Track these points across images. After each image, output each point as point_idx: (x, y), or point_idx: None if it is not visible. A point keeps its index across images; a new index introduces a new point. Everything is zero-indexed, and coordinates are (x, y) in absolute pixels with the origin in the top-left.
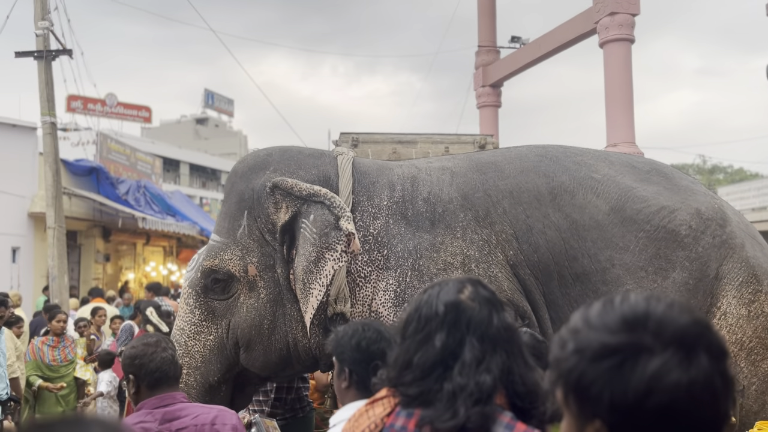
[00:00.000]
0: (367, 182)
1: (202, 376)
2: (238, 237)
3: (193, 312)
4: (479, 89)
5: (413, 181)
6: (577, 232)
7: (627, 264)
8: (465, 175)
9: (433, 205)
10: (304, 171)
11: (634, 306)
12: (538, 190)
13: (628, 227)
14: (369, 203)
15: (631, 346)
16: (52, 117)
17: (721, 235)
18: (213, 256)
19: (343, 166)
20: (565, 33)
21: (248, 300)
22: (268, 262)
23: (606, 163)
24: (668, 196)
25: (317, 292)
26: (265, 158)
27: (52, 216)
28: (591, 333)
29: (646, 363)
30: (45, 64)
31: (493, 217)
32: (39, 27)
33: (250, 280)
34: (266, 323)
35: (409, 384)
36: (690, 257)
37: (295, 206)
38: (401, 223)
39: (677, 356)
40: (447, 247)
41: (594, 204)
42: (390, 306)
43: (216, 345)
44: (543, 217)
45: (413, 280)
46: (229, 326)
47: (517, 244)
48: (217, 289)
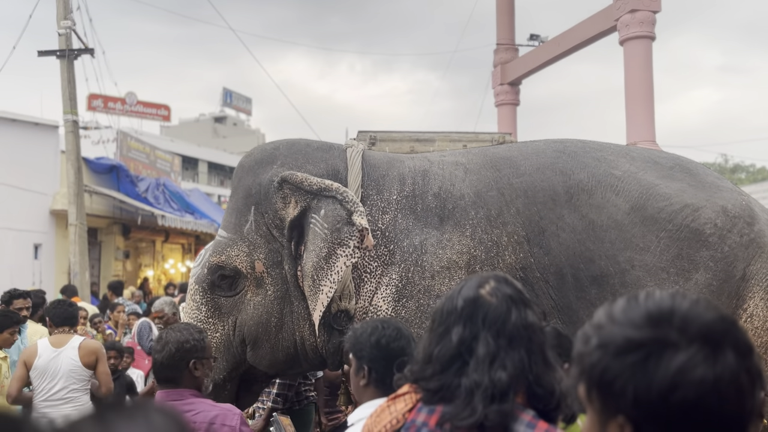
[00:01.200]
0: (377, 175)
1: None
2: (245, 233)
3: (200, 309)
4: (497, 87)
5: (424, 175)
6: (594, 233)
7: (648, 265)
8: (479, 172)
9: (443, 201)
10: (312, 165)
11: (659, 302)
12: (554, 189)
13: (649, 227)
14: (378, 197)
15: (656, 341)
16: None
17: (749, 233)
18: (220, 252)
19: (353, 158)
20: (585, 30)
21: (255, 297)
22: (275, 258)
23: (627, 158)
24: (692, 194)
25: (327, 289)
26: (272, 152)
27: (74, 213)
28: (615, 328)
29: (671, 358)
30: (67, 63)
31: (506, 218)
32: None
33: (257, 276)
34: (274, 321)
35: (429, 378)
36: (715, 257)
37: (305, 201)
38: (410, 218)
39: (703, 352)
40: (454, 245)
41: (613, 203)
42: (390, 300)
43: (222, 343)
44: (557, 218)
45: (415, 275)
46: (235, 324)
47: (528, 246)
48: (223, 285)
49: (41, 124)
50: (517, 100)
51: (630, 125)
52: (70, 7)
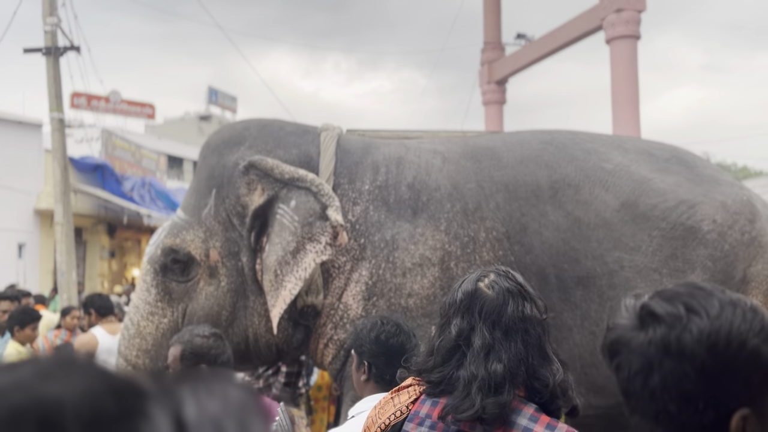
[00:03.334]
0: (350, 163)
1: (151, 360)
2: (203, 217)
3: (149, 291)
4: (484, 86)
5: (399, 164)
6: (580, 232)
7: (638, 266)
8: (457, 162)
9: (417, 192)
10: (283, 150)
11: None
12: (537, 183)
13: (640, 225)
14: (350, 187)
15: None
16: (60, 113)
17: (750, 231)
18: (174, 235)
19: (326, 143)
20: (571, 30)
21: (208, 287)
22: (232, 248)
23: (619, 150)
24: (689, 188)
25: (292, 285)
26: (241, 132)
27: (61, 212)
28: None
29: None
30: (53, 61)
31: (484, 212)
32: (48, 23)
33: (211, 265)
34: (225, 314)
35: (431, 370)
36: (714, 256)
37: (273, 189)
38: (382, 210)
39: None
40: (427, 240)
41: (602, 199)
42: (360, 299)
43: (170, 329)
44: (540, 215)
45: (386, 272)
46: (185, 311)
47: (508, 243)
48: (176, 269)
49: (25, 123)
50: (504, 99)
51: (616, 124)
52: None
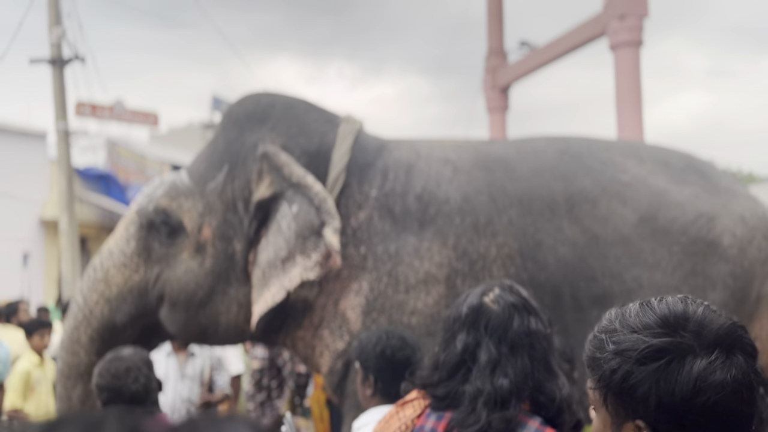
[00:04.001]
0: (363, 162)
1: (110, 310)
2: (207, 190)
3: (128, 242)
4: (488, 93)
5: (408, 171)
6: (597, 249)
7: (658, 284)
8: (469, 172)
9: (425, 204)
10: (305, 138)
11: (672, 307)
12: (552, 197)
13: (660, 240)
14: (358, 189)
15: (676, 346)
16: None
17: (766, 248)
18: (172, 197)
19: (344, 136)
20: (575, 37)
21: (190, 261)
22: (227, 231)
23: (636, 160)
24: (707, 200)
25: (276, 290)
26: (265, 109)
27: (66, 221)
28: (632, 335)
29: (691, 364)
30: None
31: (496, 227)
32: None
33: (200, 241)
34: (200, 294)
35: (436, 385)
36: (735, 273)
37: (281, 186)
38: (387, 219)
39: (720, 357)
40: (433, 256)
41: (620, 214)
42: (359, 312)
43: (138, 286)
44: (555, 231)
45: (388, 288)
46: (159, 276)
47: (520, 260)
48: (163, 231)
49: (30, 133)
50: (507, 106)
51: (620, 130)
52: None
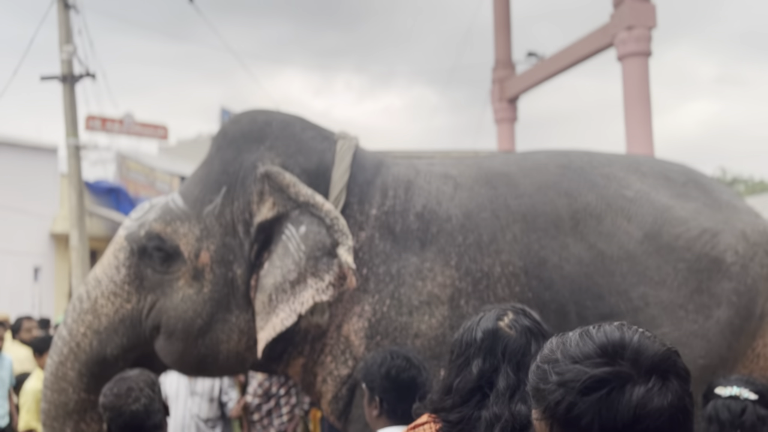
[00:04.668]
0: (363, 181)
1: (99, 343)
2: (204, 213)
3: (119, 269)
4: (496, 104)
5: (407, 188)
6: (603, 266)
7: (664, 302)
8: (471, 189)
9: (426, 223)
10: (304, 157)
11: (609, 335)
12: (557, 213)
13: (665, 257)
14: (359, 208)
15: (616, 375)
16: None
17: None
18: (167, 222)
19: (342, 154)
20: (582, 48)
21: (187, 288)
22: (226, 255)
23: (638, 175)
24: (709, 215)
25: (285, 315)
26: (262, 128)
27: (76, 236)
28: (574, 365)
29: (631, 391)
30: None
31: (500, 245)
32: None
33: (197, 267)
34: (199, 322)
35: (449, 410)
36: (738, 290)
37: (285, 207)
38: (388, 239)
39: (657, 383)
40: (436, 276)
41: (625, 230)
42: (362, 336)
43: (130, 317)
44: (560, 248)
45: (390, 310)
46: (154, 305)
47: (525, 279)
48: (156, 257)
49: (41, 148)
50: (516, 117)
51: (629, 141)
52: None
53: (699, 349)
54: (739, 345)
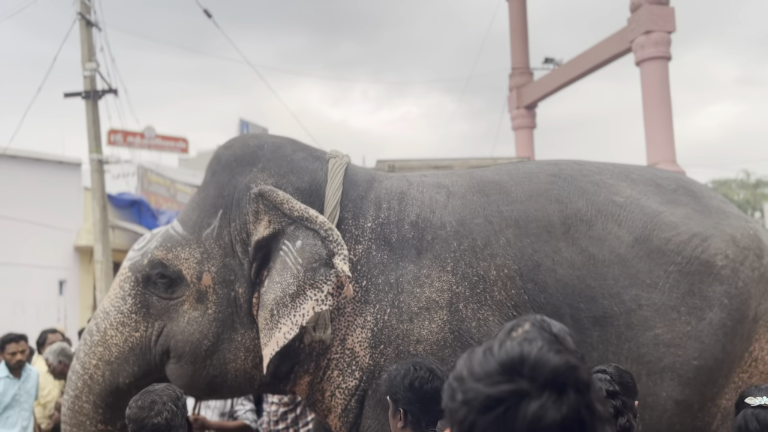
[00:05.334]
0: (356, 196)
1: (112, 373)
2: (203, 237)
3: (125, 299)
4: (513, 111)
5: (401, 199)
6: (595, 269)
7: (656, 304)
8: (463, 197)
9: (421, 231)
10: (296, 176)
11: (509, 351)
12: (549, 219)
13: (656, 260)
14: (354, 223)
15: (512, 393)
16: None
17: (759, 267)
18: (168, 249)
19: (334, 172)
20: (600, 53)
21: (192, 311)
22: (227, 276)
23: (628, 182)
24: (699, 220)
25: (287, 329)
26: (254, 151)
27: (100, 250)
28: (476, 384)
29: (526, 408)
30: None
31: (495, 249)
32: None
33: (201, 289)
34: (206, 343)
35: None
36: (730, 293)
37: (280, 224)
38: (384, 249)
39: (551, 397)
40: (433, 282)
41: (615, 234)
42: (367, 346)
43: (139, 345)
44: (553, 252)
45: (391, 318)
46: (162, 331)
47: (521, 281)
48: (160, 284)
49: (64, 162)
50: (534, 123)
51: (649, 146)
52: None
53: (693, 350)
54: (733, 347)
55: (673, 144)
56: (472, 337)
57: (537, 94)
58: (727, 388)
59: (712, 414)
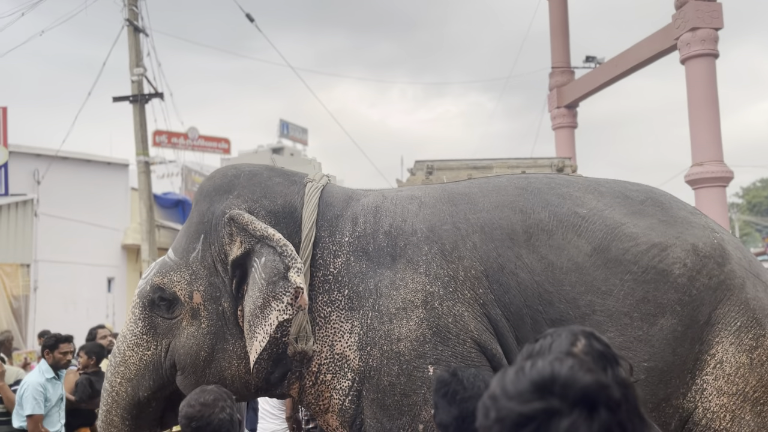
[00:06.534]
0: (331, 215)
1: (133, 388)
2: (190, 260)
3: (137, 323)
4: (554, 111)
5: (376, 213)
6: (553, 275)
7: (610, 310)
8: (434, 206)
9: (394, 239)
10: (269, 200)
11: (541, 371)
12: (512, 228)
13: (612, 269)
14: (330, 239)
15: (543, 412)
16: (146, 156)
17: (719, 275)
18: (163, 274)
19: (310, 195)
20: (643, 51)
21: (189, 327)
22: (214, 293)
23: (595, 194)
24: (662, 231)
25: (261, 338)
26: (231, 180)
27: (147, 249)
28: (508, 402)
29: (557, 425)
30: (139, 108)
31: (462, 252)
32: (134, 73)
33: (194, 307)
34: (203, 355)
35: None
36: (683, 301)
37: (249, 243)
38: (363, 259)
39: (582, 415)
40: (408, 284)
41: (574, 244)
42: (355, 349)
43: (152, 361)
44: (515, 257)
45: (374, 321)
46: (168, 347)
47: (487, 282)
48: (162, 306)
49: (113, 163)
50: (575, 123)
51: (695, 145)
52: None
53: (643, 353)
54: (684, 350)
55: (720, 143)
56: (450, 332)
57: (578, 93)
58: (684, 389)
59: (669, 414)
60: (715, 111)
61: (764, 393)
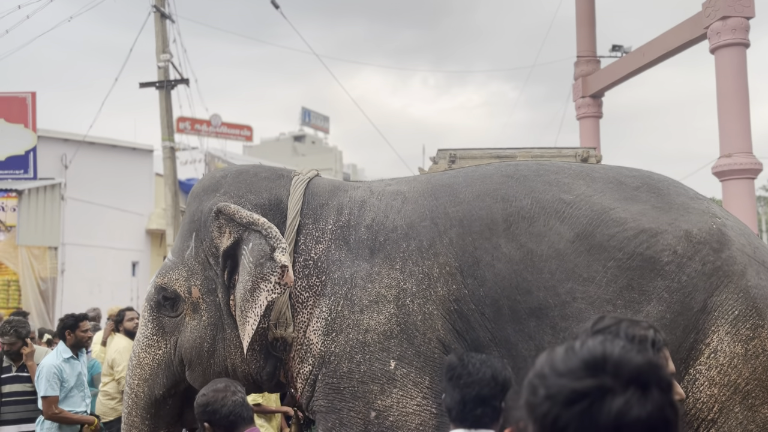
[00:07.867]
0: (316, 204)
1: (149, 388)
2: (185, 258)
3: (147, 325)
4: (579, 100)
5: (361, 206)
6: (532, 263)
7: (591, 297)
8: (416, 201)
9: (375, 233)
10: (254, 195)
11: (592, 350)
12: (492, 217)
13: (595, 256)
14: (314, 226)
15: (596, 388)
16: (172, 142)
17: (715, 261)
18: (163, 275)
19: (296, 186)
20: (672, 40)
21: (192, 321)
22: (210, 285)
23: (585, 180)
24: (654, 217)
25: (252, 321)
26: (218, 180)
27: (171, 234)
28: (559, 379)
29: (611, 403)
30: (165, 94)
31: (438, 248)
32: (161, 60)
33: (193, 301)
34: (206, 346)
35: None
36: (670, 288)
37: (237, 233)
38: (343, 249)
39: (636, 394)
40: (383, 278)
41: (556, 230)
42: (320, 334)
43: (163, 360)
44: (493, 248)
45: (344, 309)
46: (176, 344)
47: (461, 277)
48: (167, 306)
49: (138, 149)
50: (600, 113)
51: (723, 136)
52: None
53: None
54: (675, 338)
55: (749, 134)
56: (417, 330)
57: (604, 83)
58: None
59: None
60: (745, 102)
61: (756, 386)
